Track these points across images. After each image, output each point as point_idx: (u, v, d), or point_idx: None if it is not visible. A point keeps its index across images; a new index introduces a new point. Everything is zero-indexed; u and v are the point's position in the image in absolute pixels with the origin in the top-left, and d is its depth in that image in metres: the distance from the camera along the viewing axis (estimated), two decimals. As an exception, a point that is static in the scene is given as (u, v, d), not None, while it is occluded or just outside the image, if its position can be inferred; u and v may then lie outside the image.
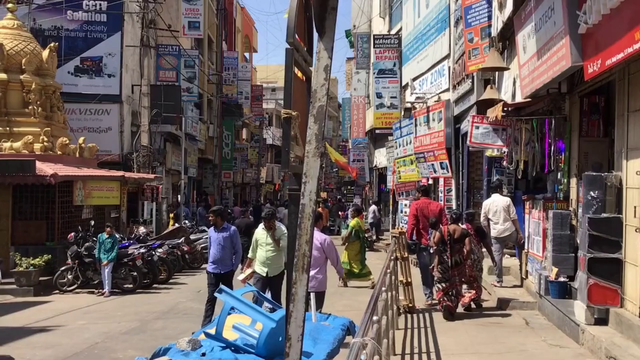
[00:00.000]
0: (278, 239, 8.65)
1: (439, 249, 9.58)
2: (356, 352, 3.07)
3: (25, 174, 13.95)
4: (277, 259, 8.68)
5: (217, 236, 9.25)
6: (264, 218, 8.85)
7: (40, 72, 16.81)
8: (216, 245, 9.23)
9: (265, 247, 8.70)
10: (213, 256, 9.27)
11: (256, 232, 8.88)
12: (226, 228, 9.37)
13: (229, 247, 9.24)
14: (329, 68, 2.80)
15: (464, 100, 14.83)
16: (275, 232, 8.71)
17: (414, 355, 7.36)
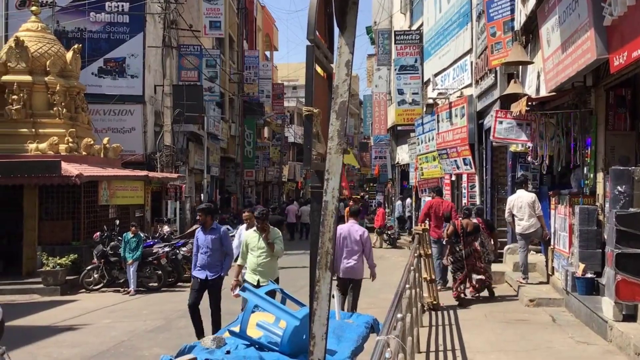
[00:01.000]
0: (272, 243, 7.91)
1: (452, 241, 10.49)
2: (381, 350, 3.05)
3: (51, 175, 14.14)
4: (270, 266, 7.97)
5: (205, 238, 8.34)
6: (257, 218, 8.01)
7: (65, 74, 17.02)
8: (204, 248, 8.34)
9: (256, 252, 7.94)
10: (200, 261, 8.34)
11: (246, 235, 8.16)
12: (215, 229, 8.44)
13: (219, 251, 8.35)
14: (350, 63, 2.78)
15: (487, 95, 14.67)
16: (268, 234, 7.95)
17: (439, 353, 7.31)
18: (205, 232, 8.39)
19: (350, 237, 8.56)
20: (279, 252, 8.05)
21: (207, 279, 8.29)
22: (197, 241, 8.46)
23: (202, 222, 8.47)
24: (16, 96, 15.89)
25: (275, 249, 7.96)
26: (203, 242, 8.35)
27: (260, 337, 5.03)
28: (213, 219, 8.63)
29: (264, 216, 8.05)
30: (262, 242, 7.93)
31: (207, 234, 8.36)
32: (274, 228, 8.13)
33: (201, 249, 8.36)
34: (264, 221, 7.97)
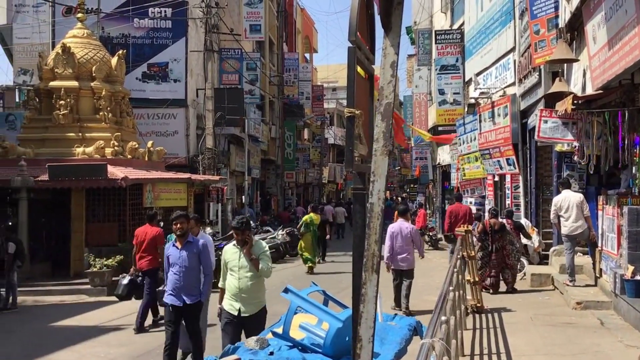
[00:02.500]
0: (256, 259, 6.19)
1: (481, 238, 11.71)
2: (426, 353, 3.02)
3: (97, 178, 14.48)
4: (254, 290, 6.24)
5: (180, 254, 6.83)
6: (235, 228, 6.20)
7: (110, 79, 17.40)
8: (178, 266, 6.82)
9: (237, 273, 6.20)
10: (173, 283, 6.83)
11: (224, 251, 6.42)
12: (193, 242, 6.95)
13: (196, 269, 6.87)
14: (395, 64, 2.76)
15: (531, 94, 14.41)
16: (251, 249, 6.23)
17: (484, 356, 7.21)
18: (179, 246, 6.90)
19: (402, 233, 10.28)
20: (266, 271, 6.23)
21: (185, 306, 6.81)
22: (169, 258, 6.92)
23: (182, 231, 6.87)
24: (63, 101, 16.31)
25: (260, 267, 6.17)
26: (176, 259, 6.83)
27: (303, 339, 5.04)
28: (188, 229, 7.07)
29: (244, 226, 6.17)
30: (243, 260, 6.19)
31: (182, 248, 6.87)
32: (259, 241, 6.48)
33: (173, 267, 6.83)
34: (244, 232, 6.17)
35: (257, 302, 6.30)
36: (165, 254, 7.06)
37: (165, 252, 7.05)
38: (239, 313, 6.16)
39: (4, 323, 10.91)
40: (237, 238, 6.21)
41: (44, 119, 16.70)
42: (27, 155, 15.54)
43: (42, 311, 12.04)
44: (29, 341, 9.48)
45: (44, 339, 9.59)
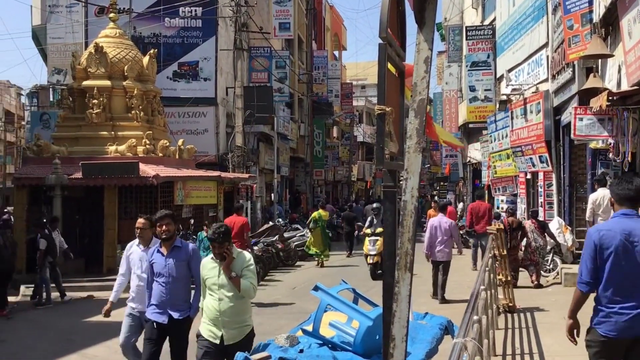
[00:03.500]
0: (236, 277, 5.20)
1: None
2: (458, 353, 2.98)
3: (129, 176, 14.68)
4: (238, 313, 5.28)
5: (166, 262, 5.80)
6: (211, 240, 5.26)
7: (142, 78, 17.61)
8: (163, 277, 5.81)
9: (216, 293, 5.23)
10: (158, 295, 5.81)
11: (202, 266, 5.49)
12: (182, 248, 5.90)
13: (185, 280, 5.85)
14: (429, 60, 2.72)
15: (564, 90, 14.16)
16: (232, 264, 5.26)
17: (516, 357, 7.11)
18: (164, 252, 5.85)
19: (441, 227, 11.27)
20: (249, 291, 5.21)
21: (171, 322, 5.75)
22: (153, 266, 5.87)
23: (168, 234, 5.85)
24: (96, 100, 16.56)
25: (242, 286, 5.15)
26: (162, 268, 5.80)
27: (333, 337, 5.03)
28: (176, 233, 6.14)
29: (222, 237, 5.17)
30: (223, 277, 5.22)
31: (169, 255, 5.82)
32: (242, 253, 5.44)
33: (159, 277, 5.82)
34: (222, 244, 5.18)
35: (243, 326, 5.29)
36: (147, 261, 6.03)
37: (148, 259, 5.97)
38: (221, 341, 5.20)
39: (39, 318, 11.14)
40: (215, 252, 5.25)
41: (77, 117, 16.98)
42: (61, 154, 15.81)
43: (75, 307, 12.26)
44: (64, 336, 9.66)
45: (77, 334, 9.76)
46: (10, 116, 44.35)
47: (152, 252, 5.99)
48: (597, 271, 4.13)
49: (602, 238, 4.12)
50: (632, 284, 4.04)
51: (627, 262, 4.03)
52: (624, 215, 4.21)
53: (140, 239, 6.41)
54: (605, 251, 4.08)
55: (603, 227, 4.31)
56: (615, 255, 4.05)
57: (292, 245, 17.80)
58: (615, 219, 4.29)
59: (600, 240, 4.12)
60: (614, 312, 4.09)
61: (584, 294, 4.28)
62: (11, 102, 44.95)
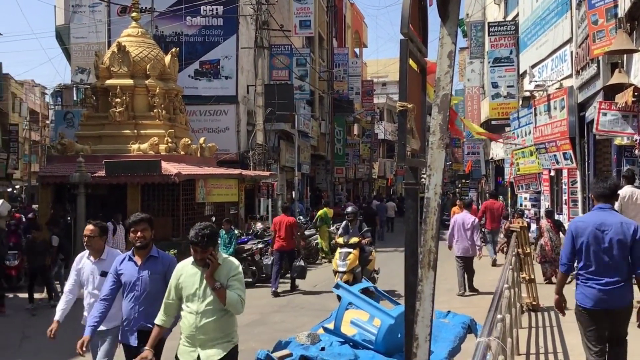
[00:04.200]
0: (222, 288, 4.33)
1: (507, 235, 12.77)
2: (482, 352, 2.94)
3: (152, 174, 14.80)
4: (219, 330, 4.40)
5: (139, 275, 5.03)
6: (193, 243, 4.37)
7: (164, 77, 17.73)
8: (136, 292, 5.03)
9: (195, 304, 4.39)
10: (128, 314, 5.06)
11: (178, 270, 4.57)
12: (158, 257, 5.16)
13: (160, 297, 4.71)
14: (453, 54, 2.68)
15: (589, 86, 13.95)
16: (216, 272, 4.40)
17: (540, 356, 7.02)
18: (139, 261, 5.09)
19: (465, 224, 11.90)
20: (236, 305, 4.37)
21: (143, 345, 4.73)
22: (121, 277, 5.08)
23: (143, 242, 5.08)
24: (119, 99, 16.72)
25: (228, 298, 4.33)
26: (134, 281, 5.02)
27: (355, 335, 5.02)
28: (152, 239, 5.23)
29: (206, 240, 4.33)
30: (206, 288, 4.38)
31: (144, 266, 5.06)
32: (228, 259, 4.57)
33: (129, 291, 5.03)
34: (206, 247, 4.35)
35: (224, 342, 4.41)
36: (112, 271, 5.13)
37: (117, 268, 5.10)
38: None
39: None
40: (196, 257, 4.37)
41: (100, 116, 17.16)
42: (84, 152, 16.00)
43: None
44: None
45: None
46: (35, 115, 45.02)
47: (122, 260, 5.11)
48: (574, 255, 5.04)
49: (577, 229, 5.04)
50: (603, 264, 4.89)
51: (597, 247, 4.90)
52: (599, 209, 5.08)
53: (89, 248, 5.52)
54: (579, 239, 4.98)
55: (579, 220, 5.32)
56: (587, 242, 4.94)
57: (313, 243, 17.81)
58: (592, 212, 5.21)
59: (576, 230, 5.03)
60: (588, 287, 4.98)
61: (563, 273, 5.22)
62: (36, 102, 45.62)
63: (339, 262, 11.14)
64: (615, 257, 4.87)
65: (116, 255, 5.43)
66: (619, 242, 4.86)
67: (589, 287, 4.95)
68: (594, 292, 4.92)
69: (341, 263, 11.07)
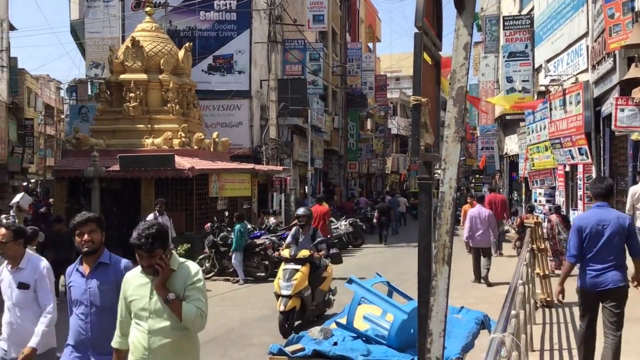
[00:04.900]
0: (176, 299, 3.59)
1: (519, 231, 13.43)
2: (496, 349, 2.92)
3: (165, 168, 14.86)
4: (176, 352, 3.68)
5: (87, 286, 4.14)
6: (136, 247, 3.58)
7: (177, 72, 17.78)
8: (83, 306, 4.14)
9: (146, 321, 3.65)
10: (75, 333, 4.17)
11: (125, 282, 3.80)
12: (109, 265, 4.21)
13: (114, 311, 3.89)
14: (469, 46, 2.65)
15: (605, 80, 13.80)
16: (171, 279, 3.66)
17: (554, 352, 6.97)
18: (86, 271, 4.18)
19: (480, 217, 12.48)
20: (194, 320, 3.62)
21: None
22: (72, 289, 4.21)
23: (91, 246, 4.12)
24: (133, 94, 16.79)
25: (184, 312, 3.59)
26: (81, 294, 4.16)
27: (367, 330, 5.00)
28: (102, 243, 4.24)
29: (151, 243, 3.55)
30: (157, 300, 3.64)
31: (92, 275, 4.16)
32: (185, 263, 3.76)
33: (77, 306, 4.18)
34: (155, 254, 3.59)
35: None
36: (67, 285, 4.27)
37: (68, 282, 4.26)
38: None
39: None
40: (142, 263, 3.63)
41: (114, 111, 17.25)
42: (99, 146, 16.09)
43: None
44: None
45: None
46: (50, 110, 45.38)
47: (71, 271, 4.25)
48: (580, 247, 5.74)
49: (581, 224, 5.82)
50: (602, 253, 5.66)
51: (597, 239, 5.68)
52: (597, 206, 5.85)
53: (3, 256, 4.69)
54: (583, 232, 5.73)
55: (582, 216, 6.34)
56: (589, 235, 5.70)
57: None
58: (592, 209, 5.95)
59: (580, 225, 5.79)
60: (587, 271, 5.74)
61: (571, 264, 5.92)
62: (51, 96, 45.97)
63: (281, 283, 8.82)
64: (612, 247, 5.65)
65: (38, 263, 4.54)
66: (617, 234, 5.64)
67: (590, 272, 5.70)
68: (593, 276, 5.68)
69: (285, 284, 8.75)
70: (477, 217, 12.56)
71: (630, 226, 5.74)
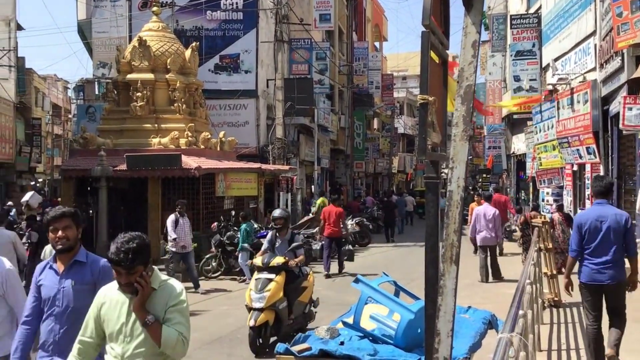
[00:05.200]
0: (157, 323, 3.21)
1: (523, 228, 13.49)
2: (503, 349, 2.90)
3: (172, 168, 14.88)
4: None
5: (60, 285, 3.81)
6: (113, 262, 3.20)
7: (184, 71, 17.81)
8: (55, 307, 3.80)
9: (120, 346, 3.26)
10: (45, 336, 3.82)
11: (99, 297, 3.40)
12: (86, 263, 3.89)
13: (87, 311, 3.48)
14: (477, 44, 2.63)
15: (613, 79, 13.73)
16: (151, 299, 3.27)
17: (561, 352, 6.94)
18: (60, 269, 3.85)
19: (486, 216, 12.73)
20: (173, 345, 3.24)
21: None
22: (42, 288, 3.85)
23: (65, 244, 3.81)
24: (140, 93, 16.82)
25: (164, 337, 3.21)
26: (54, 293, 3.80)
27: (374, 329, 4.99)
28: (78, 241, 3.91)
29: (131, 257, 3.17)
30: (135, 324, 3.24)
31: (67, 274, 3.82)
32: (168, 281, 3.39)
33: (49, 307, 3.82)
34: (135, 271, 3.20)
35: None
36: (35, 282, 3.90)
37: (36, 279, 3.90)
38: None
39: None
40: (120, 281, 3.22)
41: (122, 110, 17.29)
42: (106, 146, 16.14)
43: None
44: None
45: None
46: (57, 109, 45.55)
47: (43, 268, 3.93)
48: (580, 243, 6.06)
49: (581, 220, 6.15)
50: (600, 248, 5.96)
51: (596, 235, 5.98)
52: (597, 204, 6.21)
53: None
54: (583, 228, 6.06)
55: (582, 213, 6.80)
56: (589, 231, 6.02)
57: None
58: (592, 206, 6.34)
59: (580, 222, 6.12)
60: (587, 266, 6.05)
61: (573, 258, 6.25)
62: (58, 96, 46.14)
63: (253, 295, 7.91)
64: (610, 242, 5.93)
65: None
66: (614, 230, 5.94)
67: (588, 267, 6.03)
68: (592, 271, 6.01)
69: (256, 296, 7.85)
70: (482, 216, 12.83)
71: (627, 223, 5.98)
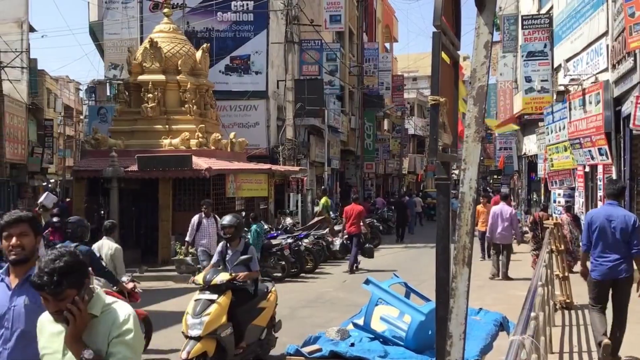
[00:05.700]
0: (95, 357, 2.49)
1: (532, 228, 13.21)
2: (515, 351, 2.89)
3: (183, 169, 14.93)
4: None
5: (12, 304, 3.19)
6: (36, 287, 2.48)
7: (195, 72, 17.87)
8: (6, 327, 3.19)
9: None
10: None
11: (40, 324, 2.74)
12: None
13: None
14: (489, 44, 2.62)
15: (625, 80, 13.63)
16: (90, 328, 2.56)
17: (573, 354, 6.90)
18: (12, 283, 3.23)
19: (502, 214, 13.14)
20: None
21: None
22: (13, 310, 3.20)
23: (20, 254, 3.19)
24: (151, 95, 16.89)
25: None
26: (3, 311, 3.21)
27: (384, 331, 4.98)
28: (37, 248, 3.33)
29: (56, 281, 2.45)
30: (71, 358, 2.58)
31: (19, 290, 3.20)
32: (113, 305, 2.65)
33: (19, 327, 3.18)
34: (64, 295, 2.49)
35: None
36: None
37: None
38: None
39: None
40: (49, 308, 2.56)
41: (133, 111, 17.37)
42: (117, 147, 16.22)
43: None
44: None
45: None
46: (69, 110, 45.84)
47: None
48: (589, 238, 6.58)
49: (592, 218, 6.67)
50: (610, 246, 6.43)
51: (605, 233, 6.45)
52: (609, 204, 6.71)
53: None
54: (593, 226, 6.54)
55: (593, 212, 7.25)
56: (599, 229, 6.48)
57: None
58: (603, 206, 6.92)
59: (591, 220, 6.66)
60: (599, 263, 6.51)
61: (584, 252, 6.80)
62: (70, 97, 46.44)
63: (189, 320, 6.55)
64: (618, 241, 6.36)
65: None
66: (622, 229, 6.35)
67: (599, 263, 6.48)
68: (602, 267, 6.46)
69: (193, 321, 6.49)
70: (499, 215, 13.16)
71: (634, 225, 6.36)
